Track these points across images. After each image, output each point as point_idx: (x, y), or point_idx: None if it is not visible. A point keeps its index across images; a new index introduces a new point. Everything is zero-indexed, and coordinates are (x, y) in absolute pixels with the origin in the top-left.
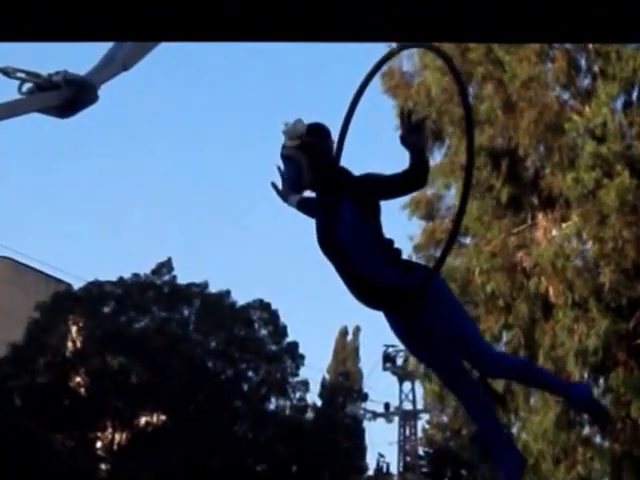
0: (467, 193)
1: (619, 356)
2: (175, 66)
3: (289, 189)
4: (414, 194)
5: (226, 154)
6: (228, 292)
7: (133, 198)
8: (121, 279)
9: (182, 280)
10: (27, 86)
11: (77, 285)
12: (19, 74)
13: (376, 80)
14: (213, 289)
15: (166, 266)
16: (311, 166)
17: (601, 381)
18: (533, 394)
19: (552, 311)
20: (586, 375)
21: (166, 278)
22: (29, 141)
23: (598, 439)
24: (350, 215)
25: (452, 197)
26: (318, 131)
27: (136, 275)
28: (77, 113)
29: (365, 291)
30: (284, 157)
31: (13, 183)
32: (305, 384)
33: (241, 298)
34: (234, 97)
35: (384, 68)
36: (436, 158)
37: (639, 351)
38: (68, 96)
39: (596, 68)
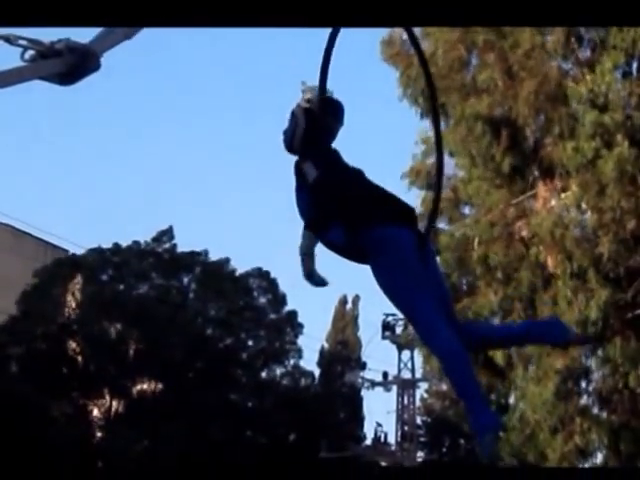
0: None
1: (617, 327)
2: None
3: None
4: (413, 164)
5: (228, 122)
6: (227, 260)
7: (134, 165)
8: (121, 246)
9: (182, 248)
10: (29, 53)
11: (76, 252)
12: (22, 42)
13: (376, 48)
14: (213, 257)
15: (167, 234)
16: (304, 133)
17: (599, 352)
18: (532, 363)
19: (551, 281)
20: (585, 345)
21: (166, 246)
22: (27, 109)
23: (596, 410)
24: (296, 184)
25: (452, 167)
26: (329, 106)
27: (136, 242)
28: (79, 81)
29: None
30: (291, 112)
31: (12, 151)
32: (299, 351)
33: (240, 266)
34: (240, 66)
35: (385, 36)
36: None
37: (637, 322)
38: (70, 64)
39: (597, 39)
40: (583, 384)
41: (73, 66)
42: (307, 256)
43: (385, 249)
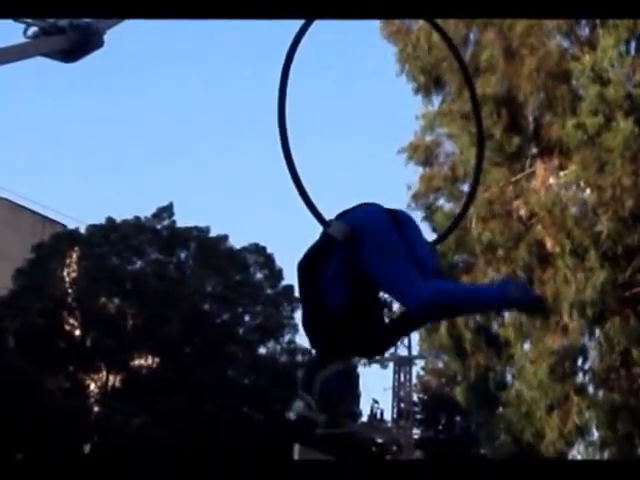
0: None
1: (615, 305)
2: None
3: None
4: (412, 139)
5: (225, 96)
6: (225, 236)
7: (137, 140)
8: (120, 222)
9: (182, 225)
10: (32, 30)
11: (74, 227)
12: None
13: (375, 25)
14: (210, 233)
15: (167, 210)
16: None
17: (597, 330)
18: (527, 342)
19: (550, 260)
20: (583, 324)
21: (166, 223)
22: (28, 83)
23: (591, 389)
24: None
25: (451, 144)
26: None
27: (137, 218)
28: (82, 58)
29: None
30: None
31: (10, 124)
32: (295, 327)
33: (237, 242)
34: (241, 39)
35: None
36: (435, 104)
37: (635, 300)
38: (73, 41)
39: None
40: (580, 362)
41: (76, 43)
42: None
43: (358, 228)
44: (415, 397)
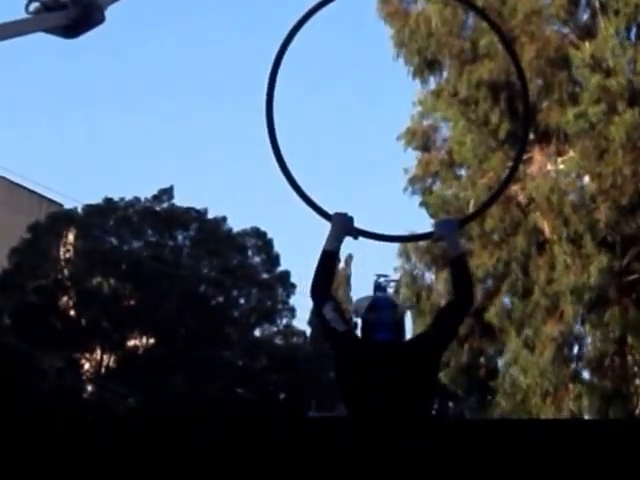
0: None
1: (612, 293)
2: None
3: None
4: (410, 125)
5: (226, 82)
6: (224, 218)
7: (137, 120)
8: (117, 202)
9: (181, 206)
10: (34, 5)
11: (72, 206)
12: None
13: (373, 5)
14: (210, 215)
15: (167, 193)
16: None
17: (594, 318)
18: (524, 329)
19: (547, 246)
20: (581, 311)
21: (165, 205)
22: (29, 60)
23: (587, 375)
24: None
25: (449, 128)
26: None
27: (137, 199)
28: (83, 34)
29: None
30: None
31: (10, 100)
32: (292, 310)
33: (237, 225)
34: (246, 20)
35: None
36: (431, 87)
37: (632, 288)
38: (75, 16)
39: (596, 3)
40: (576, 350)
41: (77, 19)
42: None
43: None
44: None
